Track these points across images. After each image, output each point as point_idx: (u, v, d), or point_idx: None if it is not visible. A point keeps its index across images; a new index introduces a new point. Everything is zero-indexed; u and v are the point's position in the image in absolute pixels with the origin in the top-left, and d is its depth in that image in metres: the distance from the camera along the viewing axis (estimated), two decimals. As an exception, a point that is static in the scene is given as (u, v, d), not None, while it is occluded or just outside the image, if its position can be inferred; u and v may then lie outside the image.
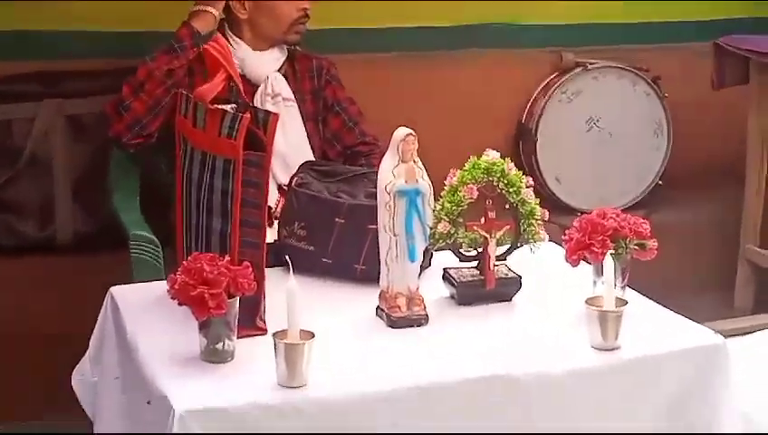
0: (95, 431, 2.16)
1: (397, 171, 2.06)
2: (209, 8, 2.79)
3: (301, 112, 2.89)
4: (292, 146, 2.81)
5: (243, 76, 2.66)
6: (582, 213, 3.30)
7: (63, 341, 2.74)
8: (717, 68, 3.56)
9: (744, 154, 3.62)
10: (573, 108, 3.71)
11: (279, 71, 2.89)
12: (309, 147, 2.87)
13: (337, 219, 2.30)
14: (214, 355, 1.90)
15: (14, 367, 3.12)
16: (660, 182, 3.79)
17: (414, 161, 2.07)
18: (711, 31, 3.71)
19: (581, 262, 2.20)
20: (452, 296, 2.23)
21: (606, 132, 3.75)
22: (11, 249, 3.14)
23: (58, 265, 3.16)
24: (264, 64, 2.85)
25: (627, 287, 2.21)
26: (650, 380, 2.01)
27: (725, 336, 2.13)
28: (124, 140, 2.75)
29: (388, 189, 2.05)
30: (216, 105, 2.03)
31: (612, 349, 2.00)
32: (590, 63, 3.71)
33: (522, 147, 3.73)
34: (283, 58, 2.90)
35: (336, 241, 2.30)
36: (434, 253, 2.30)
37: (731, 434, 2.05)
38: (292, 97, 2.87)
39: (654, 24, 3.90)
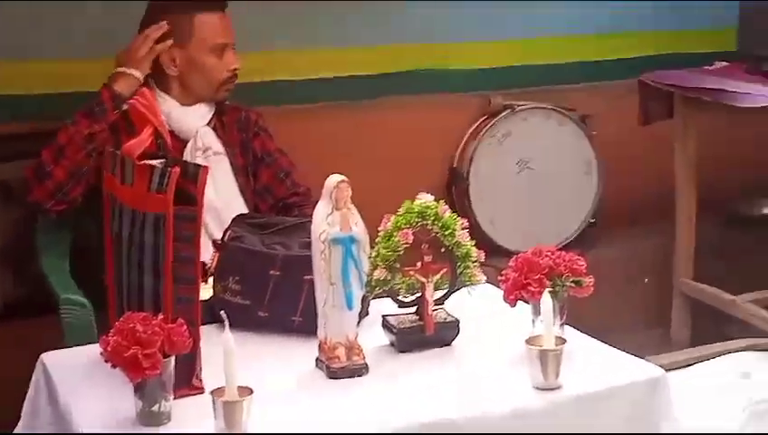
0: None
1: (331, 219, 2.04)
2: (132, 71, 2.77)
3: (231, 165, 2.87)
4: (224, 200, 2.79)
5: (171, 132, 2.63)
6: (518, 254, 3.34)
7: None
8: (642, 104, 3.61)
9: (674, 188, 3.66)
10: (504, 150, 3.74)
11: (208, 124, 2.87)
12: (242, 200, 2.85)
13: (272, 272, 2.27)
14: (150, 418, 1.85)
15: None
16: (593, 220, 3.82)
17: (348, 208, 2.06)
18: (634, 68, 3.78)
19: (519, 302, 2.20)
20: (392, 344, 2.21)
21: (537, 173, 3.78)
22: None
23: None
24: (192, 119, 2.83)
25: (565, 325, 2.21)
26: (593, 416, 2.00)
27: (665, 370, 2.14)
28: (46, 207, 2.71)
29: (322, 238, 2.03)
30: (144, 161, 2.00)
31: (554, 388, 2.00)
32: (518, 105, 3.75)
33: (454, 191, 3.74)
34: (212, 112, 2.88)
35: (272, 294, 2.27)
36: (371, 300, 2.28)
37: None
38: (223, 150, 2.85)
39: (579, 63, 3.96)
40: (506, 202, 3.74)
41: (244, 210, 2.78)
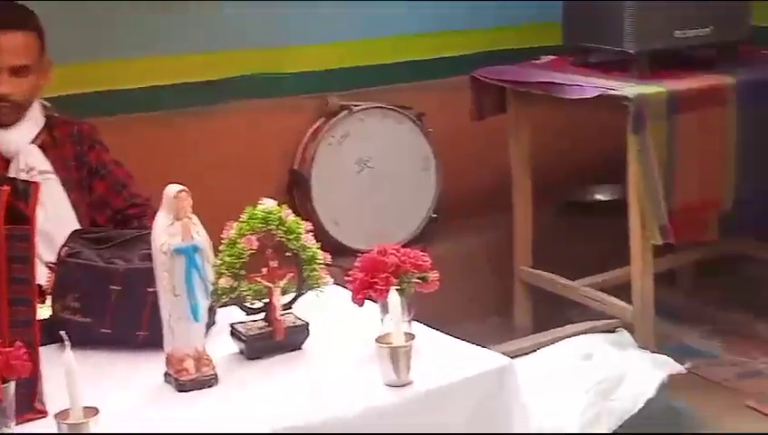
0: None
1: (171, 230, 2.01)
2: None
3: (65, 180, 2.79)
4: (53, 221, 2.68)
5: None
6: (363, 253, 3.36)
7: None
8: (475, 100, 3.68)
9: (510, 180, 3.76)
10: (343, 151, 3.76)
11: (35, 142, 2.77)
12: (74, 218, 2.76)
13: (112, 287, 2.21)
14: (-8, 446, 1.78)
15: None
16: (434, 215, 3.88)
17: (189, 218, 2.02)
18: (465, 65, 3.85)
19: (367, 301, 2.21)
20: (241, 352, 2.19)
21: (377, 172, 3.82)
22: None
23: None
24: (13, 138, 2.73)
25: (413, 321, 2.23)
26: (446, 409, 2.03)
27: (510, 357, 2.19)
28: None
29: (164, 249, 1.99)
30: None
31: (405, 384, 2.02)
32: (355, 106, 3.77)
33: (296, 193, 3.74)
34: (38, 129, 2.78)
35: (114, 309, 2.21)
36: (218, 309, 2.26)
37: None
38: (50, 169, 2.76)
39: (411, 62, 4.02)
40: (349, 202, 3.76)
41: (77, 228, 2.70)
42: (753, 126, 3.30)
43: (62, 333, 1.83)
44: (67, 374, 1.74)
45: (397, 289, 2.11)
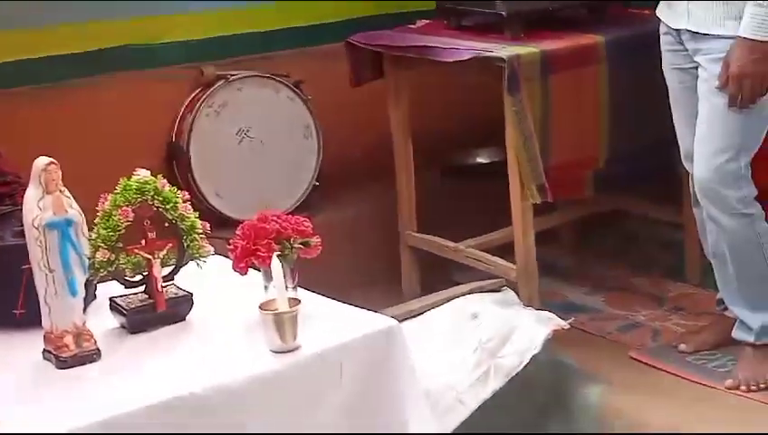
0: None
1: (43, 204, 1.95)
2: None
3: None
4: None
5: None
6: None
7: None
8: (352, 66, 3.66)
9: (392, 146, 3.75)
10: (222, 121, 3.70)
11: None
12: None
13: (-15, 265, 2.14)
14: None
15: None
16: (317, 183, 3.86)
17: (60, 191, 1.97)
18: (341, 31, 3.82)
19: (250, 269, 2.19)
20: (123, 326, 2.14)
21: (258, 141, 3.77)
22: None
23: None
24: None
25: (298, 288, 2.22)
26: (333, 373, 2.03)
27: (398, 320, 2.20)
28: None
29: (36, 224, 1.94)
30: None
31: (292, 350, 2.01)
32: (231, 75, 3.71)
33: (176, 166, 3.67)
34: None
35: (-12, 288, 2.14)
36: (97, 284, 2.20)
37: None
38: None
39: (289, 29, 3.98)
40: (230, 173, 3.70)
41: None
42: (624, 84, 3.36)
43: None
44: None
45: (279, 255, 2.10)
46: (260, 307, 2.02)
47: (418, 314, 3.00)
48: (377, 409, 2.08)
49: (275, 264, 2.03)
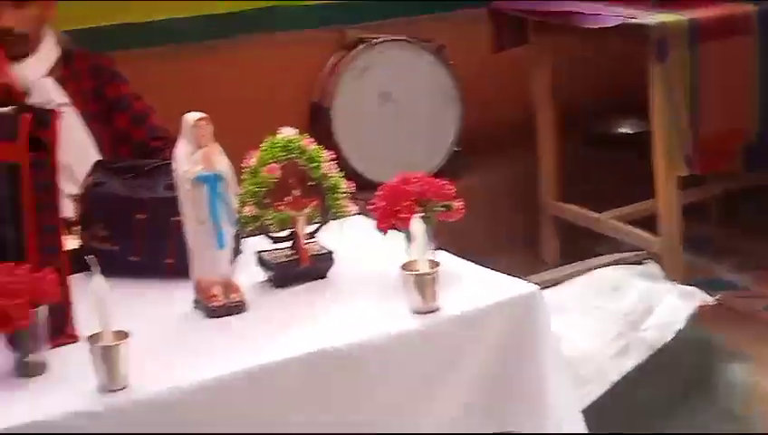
0: None
1: (193, 158, 2.00)
2: None
3: (86, 114, 2.78)
4: (74, 153, 2.66)
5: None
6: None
7: None
8: (495, 31, 3.64)
9: (534, 113, 3.72)
10: (364, 84, 3.73)
11: (51, 75, 2.76)
12: (95, 151, 2.75)
13: (138, 215, 2.21)
14: (26, 369, 1.79)
15: None
16: (458, 149, 3.86)
17: (210, 146, 2.01)
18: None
19: (391, 231, 2.20)
20: (268, 279, 2.19)
21: (399, 105, 3.79)
22: None
23: None
24: (27, 71, 2.71)
25: (438, 250, 2.22)
26: (473, 336, 2.03)
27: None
28: None
29: (187, 177, 1.99)
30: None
31: (432, 311, 2.01)
32: (374, 39, 3.73)
33: (317, 127, 3.72)
34: (50, 62, 2.77)
35: (141, 238, 2.21)
36: (243, 240, 2.25)
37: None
38: (67, 101, 2.75)
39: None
40: (371, 135, 3.74)
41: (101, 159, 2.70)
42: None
43: (91, 257, 1.83)
44: (96, 298, 1.74)
45: (420, 217, 2.10)
46: (401, 267, 2.03)
47: (558, 283, 2.97)
48: (515, 374, 2.07)
49: (417, 225, 2.04)
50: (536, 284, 2.31)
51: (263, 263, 2.19)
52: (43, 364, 1.81)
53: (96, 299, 1.75)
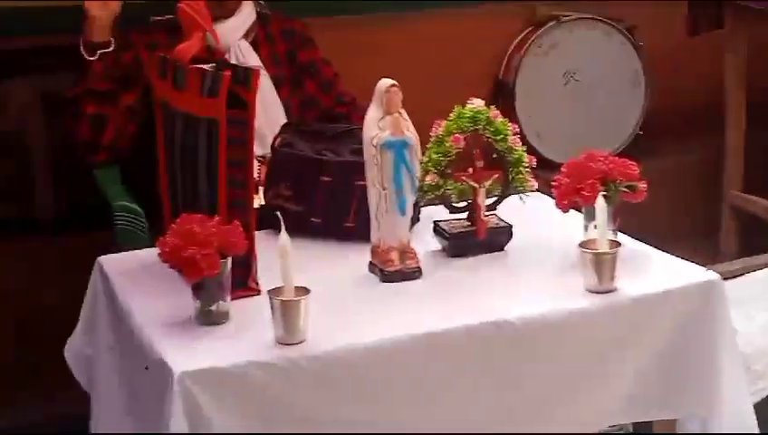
0: (92, 402, 2.13)
1: (382, 124, 2.03)
2: (92, 13, 2.66)
3: (277, 77, 2.86)
4: (263, 116, 2.74)
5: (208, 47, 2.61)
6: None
7: (51, 318, 2.72)
8: (691, 14, 3.54)
9: (724, 99, 3.61)
10: (549, 61, 3.69)
11: (247, 38, 2.84)
12: (283, 114, 2.83)
13: (323, 178, 2.27)
14: (209, 317, 1.88)
15: (7, 347, 3.09)
16: (641, 132, 3.78)
17: (399, 113, 2.05)
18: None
19: (571, 209, 2.19)
20: (443, 249, 2.21)
21: (584, 85, 3.74)
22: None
23: (41, 246, 3.12)
24: (227, 33, 2.78)
25: (617, 231, 2.20)
26: (648, 319, 2.00)
27: (720, 278, 2.12)
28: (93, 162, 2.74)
29: (374, 142, 2.02)
30: (194, 65, 2.00)
31: (608, 291, 1.99)
32: (564, 16, 3.69)
33: (500, 102, 3.71)
34: (247, 25, 2.84)
35: (324, 200, 2.27)
36: (422, 207, 2.28)
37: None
38: (260, 64, 2.83)
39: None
40: (553, 114, 3.70)
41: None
42: None
43: (277, 213, 1.89)
44: (281, 253, 1.81)
45: (603, 196, 2.08)
46: (580, 245, 2.02)
47: (738, 276, 2.88)
48: (690, 363, 2.03)
49: (600, 204, 2.02)
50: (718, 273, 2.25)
51: (439, 232, 2.22)
52: (225, 314, 1.89)
53: (281, 255, 1.80)
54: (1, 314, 3.09)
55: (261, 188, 2.40)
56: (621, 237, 2.18)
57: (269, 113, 2.77)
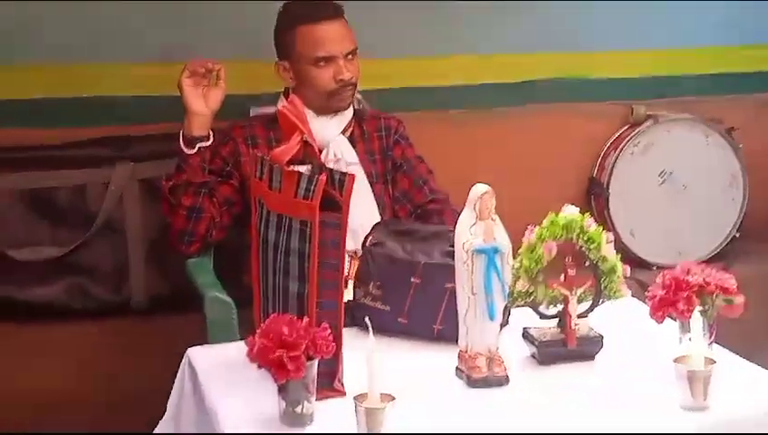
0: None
1: (474, 230, 2.03)
2: (192, 109, 2.72)
3: (371, 174, 2.88)
4: (356, 211, 2.74)
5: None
6: (659, 268, 3.27)
7: (141, 402, 2.75)
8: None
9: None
10: (646, 161, 3.66)
11: (345, 134, 2.87)
12: (376, 210, 2.84)
13: (413, 279, 2.27)
14: (293, 418, 1.87)
15: (92, 430, 3.12)
16: (737, 235, 3.71)
17: (492, 219, 2.04)
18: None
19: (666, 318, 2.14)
20: (532, 356, 2.18)
21: (680, 185, 3.69)
22: (86, 313, 3.14)
23: (133, 328, 3.17)
24: (326, 129, 2.81)
25: (714, 344, 2.14)
26: (743, 441, 1.94)
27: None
28: (183, 251, 2.79)
29: (465, 248, 2.02)
30: (291, 167, 2.02)
31: (702, 409, 1.94)
32: (662, 116, 3.66)
33: (593, 201, 3.68)
34: (346, 121, 2.87)
35: (412, 301, 2.26)
36: (511, 310, 2.26)
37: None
38: (356, 160, 2.85)
39: (725, 74, 3.85)
40: (647, 213, 3.65)
41: (378, 219, 2.78)
42: None
43: (367, 318, 1.89)
44: (369, 359, 1.80)
45: (700, 311, 2.03)
46: (674, 360, 1.97)
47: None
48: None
49: (696, 319, 1.97)
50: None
51: (529, 338, 2.19)
52: (309, 416, 1.88)
53: (369, 361, 1.80)
54: (92, 396, 3.12)
55: (351, 282, 2.41)
56: (717, 351, 2.12)
57: (362, 210, 2.77)
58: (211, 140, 2.75)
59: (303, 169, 2.01)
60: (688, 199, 3.69)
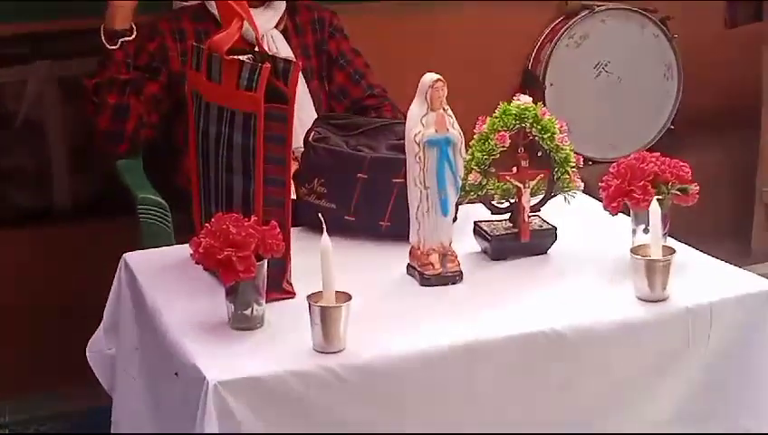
0: (114, 404, 2.05)
1: (426, 120, 1.94)
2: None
3: (306, 69, 2.76)
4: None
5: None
6: (594, 162, 3.23)
7: (71, 312, 2.65)
8: (730, 6, 3.45)
9: (759, 95, 3.52)
10: (581, 53, 3.59)
11: (277, 27, 2.74)
12: (312, 106, 2.73)
13: (359, 174, 2.17)
14: (243, 322, 1.79)
15: (23, 340, 3.02)
16: (672, 126, 3.69)
17: (444, 109, 1.95)
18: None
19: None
20: (484, 251, 2.12)
21: (615, 77, 3.64)
22: (7, 220, 3.01)
23: (58, 234, 3.04)
24: (260, 22, 2.68)
25: (667, 236, 2.10)
26: (701, 330, 1.91)
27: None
28: (113, 152, 2.65)
29: (417, 140, 1.93)
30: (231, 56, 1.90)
31: (660, 300, 1.90)
32: (597, 6, 3.59)
33: (529, 94, 3.60)
34: (279, 14, 2.75)
35: (359, 197, 2.18)
36: (460, 206, 2.19)
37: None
38: (292, 55, 2.73)
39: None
40: (583, 107, 3.60)
41: (315, 116, 2.67)
42: None
43: (320, 215, 1.80)
44: (323, 257, 1.71)
45: (657, 199, 1.98)
46: (631, 251, 1.93)
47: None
48: (743, 375, 1.94)
49: (654, 208, 1.92)
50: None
51: (480, 233, 2.12)
52: (260, 318, 1.80)
53: (323, 259, 1.71)
54: (17, 304, 3.00)
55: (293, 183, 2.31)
56: (672, 242, 2.09)
57: (298, 106, 2.65)
58: (134, 34, 2.60)
59: (244, 58, 1.88)
60: (624, 92, 3.65)
